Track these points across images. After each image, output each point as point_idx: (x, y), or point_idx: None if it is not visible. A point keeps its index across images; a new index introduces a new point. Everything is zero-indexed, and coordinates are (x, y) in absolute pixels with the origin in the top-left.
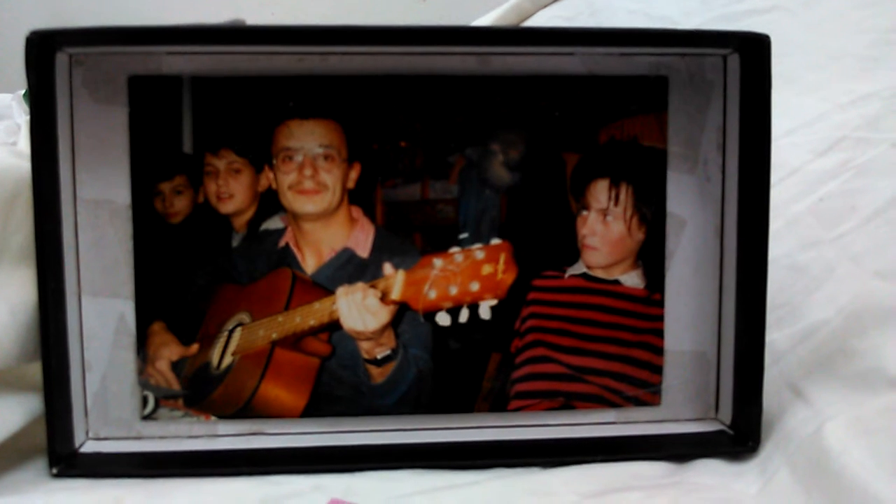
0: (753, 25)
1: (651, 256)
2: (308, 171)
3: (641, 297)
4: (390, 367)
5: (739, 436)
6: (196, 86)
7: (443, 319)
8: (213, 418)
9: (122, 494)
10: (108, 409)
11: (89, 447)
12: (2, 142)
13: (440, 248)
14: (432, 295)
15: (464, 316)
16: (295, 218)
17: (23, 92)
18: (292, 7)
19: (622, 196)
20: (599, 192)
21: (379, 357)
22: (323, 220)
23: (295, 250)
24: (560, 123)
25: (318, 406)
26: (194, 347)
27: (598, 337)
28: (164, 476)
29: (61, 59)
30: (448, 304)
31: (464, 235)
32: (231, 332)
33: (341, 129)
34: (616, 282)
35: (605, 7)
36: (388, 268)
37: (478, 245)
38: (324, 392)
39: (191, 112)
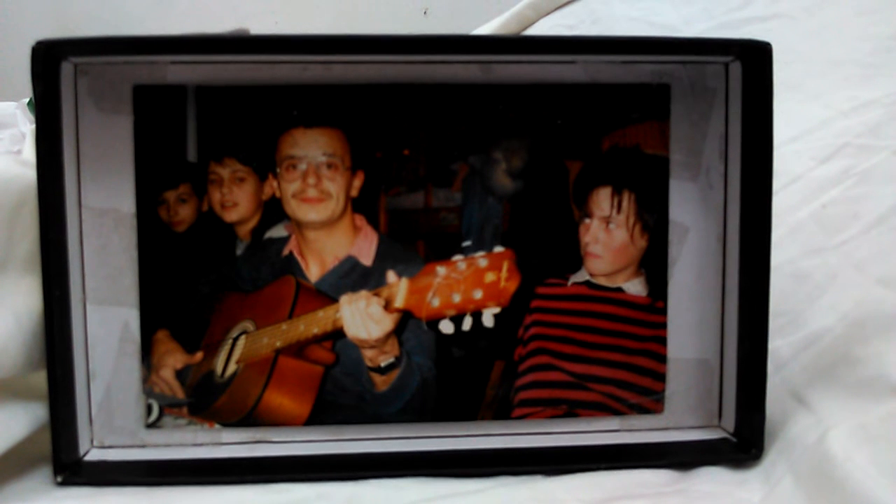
0: (755, 33)
1: (654, 264)
2: (312, 180)
3: (644, 304)
4: (394, 375)
5: (743, 443)
6: (200, 95)
7: (446, 327)
8: (217, 426)
9: (127, 502)
10: (113, 418)
11: (94, 455)
12: (6, 150)
13: (443, 256)
14: (435, 303)
15: (467, 324)
16: (299, 226)
17: (27, 100)
18: (296, 16)
19: (625, 204)
20: (602, 199)
21: (382, 365)
22: (326, 228)
23: (299, 258)
24: (562, 131)
25: (322, 414)
26: (198, 356)
27: (602, 345)
28: (169, 484)
29: (66, 69)
30: (451, 312)
31: (467, 243)
32: (235, 340)
33: (345, 138)
34: (619, 289)
35: (607, 15)
36: (391, 276)
37: (481, 253)
38: (327, 400)
39: (195, 121)
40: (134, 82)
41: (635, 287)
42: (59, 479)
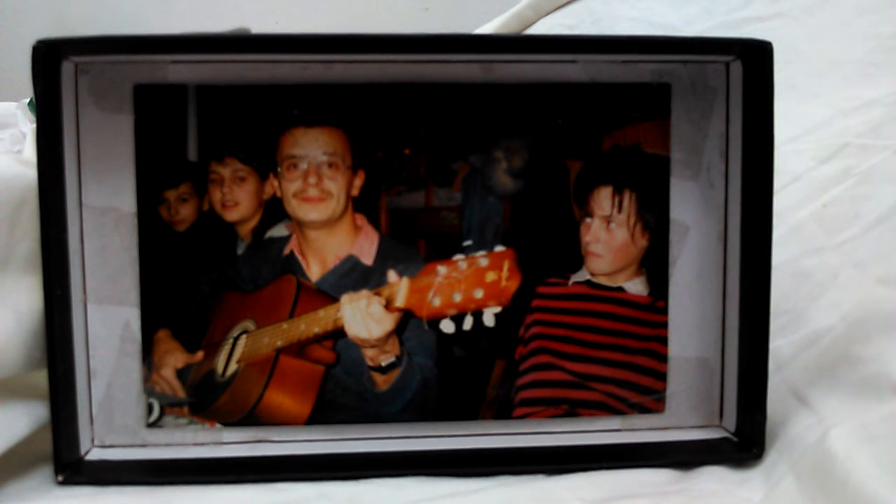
0: (755, 32)
1: (654, 263)
2: (312, 179)
3: (645, 304)
4: (395, 375)
5: (744, 443)
6: (201, 94)
7: (447, 327)
8: (218, 426)
9: (128, 502)
10: (114, 417)
11: (95, 454)
12: (7, 150)
13: (444, 255)
14: (436, 302)
15: (468, 323)
16: (299, 225)
17: (28, 100)
18: (296, 16)
19: (625, 203)
20: (603, 199)
21: (383, 364)
22: (327, 227)
23: (299, 258)
24: (563, 131)
25: (323, 413)
26: (199, 355)
27: (603, 344)
28: (170, 483)
29: (67, 68)
30: (452, 312)
31: (468, 243)
32: (236, 339)
33: (346, 137)
34: (620, 289)
35: (607, 15)
36: (392, 275)
37: (482, 252)
38: (328, 399)
39: (196, 120)
40: (135, 81)
41: (636, 286)
42: (60, 478)
